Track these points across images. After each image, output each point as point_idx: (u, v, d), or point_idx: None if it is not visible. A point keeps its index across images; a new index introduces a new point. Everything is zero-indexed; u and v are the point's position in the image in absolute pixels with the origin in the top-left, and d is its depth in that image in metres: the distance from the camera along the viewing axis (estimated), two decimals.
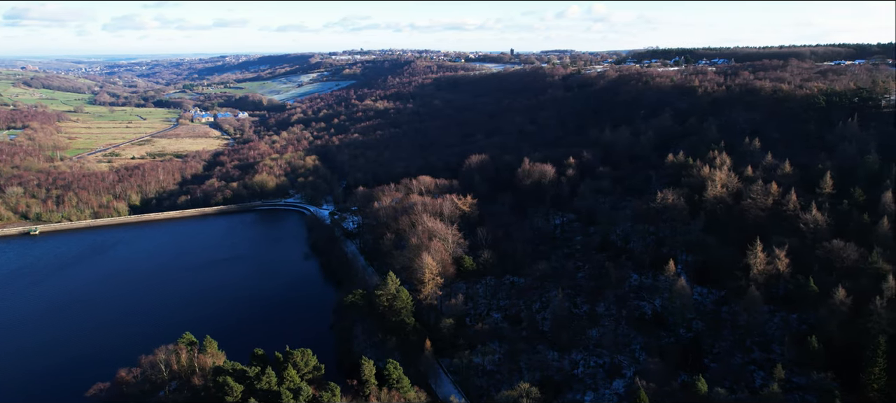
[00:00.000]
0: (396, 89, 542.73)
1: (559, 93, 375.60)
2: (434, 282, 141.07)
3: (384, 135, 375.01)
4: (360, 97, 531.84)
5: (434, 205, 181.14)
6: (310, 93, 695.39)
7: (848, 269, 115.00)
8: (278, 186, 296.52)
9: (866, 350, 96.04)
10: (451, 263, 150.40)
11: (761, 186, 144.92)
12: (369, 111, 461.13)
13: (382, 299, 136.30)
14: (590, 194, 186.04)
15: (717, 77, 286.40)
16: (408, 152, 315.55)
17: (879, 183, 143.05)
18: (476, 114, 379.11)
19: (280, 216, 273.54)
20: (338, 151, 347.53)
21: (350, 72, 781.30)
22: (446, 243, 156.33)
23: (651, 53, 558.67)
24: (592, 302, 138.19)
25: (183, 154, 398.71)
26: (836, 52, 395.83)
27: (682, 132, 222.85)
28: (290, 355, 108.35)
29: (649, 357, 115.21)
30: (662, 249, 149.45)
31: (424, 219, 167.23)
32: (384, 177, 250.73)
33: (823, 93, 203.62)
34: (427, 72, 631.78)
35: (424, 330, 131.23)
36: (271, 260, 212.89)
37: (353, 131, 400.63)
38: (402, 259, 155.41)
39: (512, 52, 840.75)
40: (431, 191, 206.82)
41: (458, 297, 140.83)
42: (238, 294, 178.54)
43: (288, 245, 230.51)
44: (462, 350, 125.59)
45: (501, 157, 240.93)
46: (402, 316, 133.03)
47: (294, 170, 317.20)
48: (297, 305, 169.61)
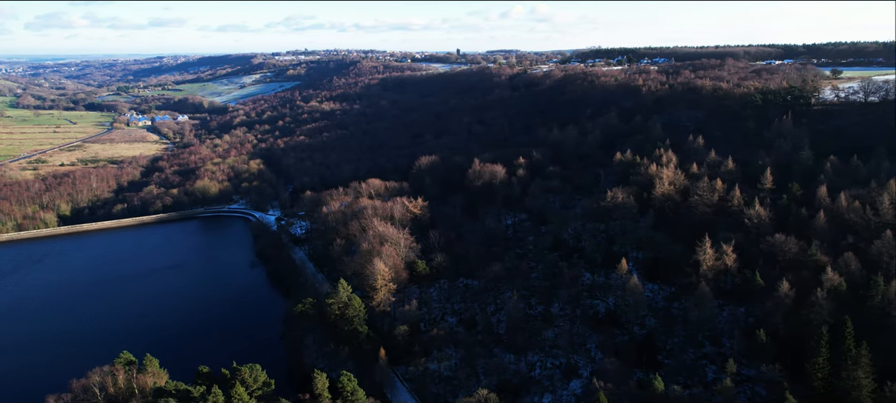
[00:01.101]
0: (342, 90, 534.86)
1: (506, 93, 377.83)
2: (387, 288, 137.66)
3: (331, 136, 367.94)
4: (306, 98, 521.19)
5: (384, 209, 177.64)
6: (253, 94, 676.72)
7: (790, 262, 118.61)
8: (222, 192, 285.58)
9: (810, 340, 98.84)
10: (404, 268, 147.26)
11: (707, 183, 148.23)
12: (315, 112, 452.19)
13: (334, 307, 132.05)
14: (540, 193, 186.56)
15: (660, 76, 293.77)
16: (356, 154, 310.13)
17: (814, 178, 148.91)
18: (424, 115, 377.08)
19: (224, 223, 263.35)
20: (283, 154, 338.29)
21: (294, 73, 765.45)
22: (398, 247, 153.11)
23: (594, 53, 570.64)
24: (547, 303, 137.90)
25: (118, 160, 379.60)
26: (766, 52, 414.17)
27: (628, 130, 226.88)
28: (238, 371, 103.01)
29: (605, 356, 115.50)
30: (613, 247, 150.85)
31: (375, 224, 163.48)
32: (332, 181, 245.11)
33: (760, 92, 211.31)
34: (373, 72, 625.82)
35: (378, 338, 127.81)
36: (216, 270, 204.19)
37: (298, 133, 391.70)
38: (353, 265, 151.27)
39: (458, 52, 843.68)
40: (381, 194, 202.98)
41: (411, 303, 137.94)
42: (180, 306, 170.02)
43: (233, 253, 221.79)
44: (418, 358, 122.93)
45: (451, 158, 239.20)
46: (355, 325, 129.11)
47: (238, 175, 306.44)
48: (245, 316, 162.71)
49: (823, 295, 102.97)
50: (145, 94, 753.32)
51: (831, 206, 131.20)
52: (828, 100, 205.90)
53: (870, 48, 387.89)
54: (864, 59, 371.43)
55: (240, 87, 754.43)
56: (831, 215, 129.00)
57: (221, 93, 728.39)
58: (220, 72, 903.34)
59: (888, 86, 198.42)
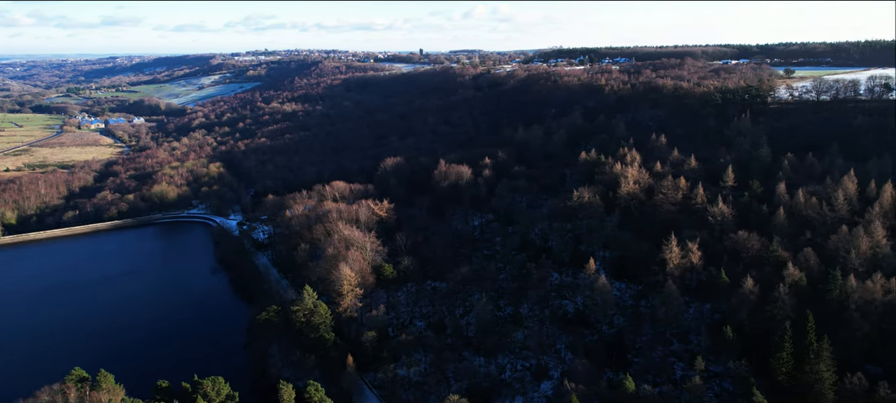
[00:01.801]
0: (304, 91, 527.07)
1: (470, 94, 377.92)
2: (353, 294, 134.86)
3: (293, 138, 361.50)
4: (267, 99, 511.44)
5: (350, 212, 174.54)
6: (212, 96, 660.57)
7: (753, 258, 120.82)
8: (180, 197, 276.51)
9: (774, 336, 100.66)
10: (371, 272, 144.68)
11: (671, 182, 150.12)
12: (277, 114, 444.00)
13: (299, 314, 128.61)
14: (507, 194, 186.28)
15: (622, 76, 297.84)
16: (319, 156, 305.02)
17: (773, 175, 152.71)
18: (388, 115, 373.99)
19: (183, 229, 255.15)
20: (244, 157, 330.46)
21: (254, 74, 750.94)
22: (364, 251, 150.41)
23: (557, 53, 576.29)
24: (516, 304, 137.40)
25: (69, 164, 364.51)
26: (723, 52, 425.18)
27: (592, 130, 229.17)
28: (200, 385, 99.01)
29: (575, 356, 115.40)
30: (580, 246, 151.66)
31: (340, 227, 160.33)
32: (295, 184, 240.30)
33: (719, 91, 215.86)
34: (336, 72, 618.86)
35: (345, 345, 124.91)
36: (175, 277, 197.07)
37: (260, 135, 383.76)
38: (318, 270, 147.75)
39: (421, 52, 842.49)
40: (346, 196, 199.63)
41: (379, 308, 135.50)
42: (137, 316, 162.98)
43: (193, 259, 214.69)
44: (386, 364, 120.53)
45: (417, 159, 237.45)
46: (321, 332, 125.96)
47: (197, 179, 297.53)
48: (206, 325, 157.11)
49: (785, 290, 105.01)
50: (98, 96, 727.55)
51: (790, 203, 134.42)
52: (783, 99, 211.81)
53: (819, 49, 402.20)
54: (814, 58, 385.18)
55: (198, 89, 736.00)
56: (790, 211, 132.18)
57: (179, 95, 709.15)
58: (177, 73, 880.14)
59: (838, 86, 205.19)
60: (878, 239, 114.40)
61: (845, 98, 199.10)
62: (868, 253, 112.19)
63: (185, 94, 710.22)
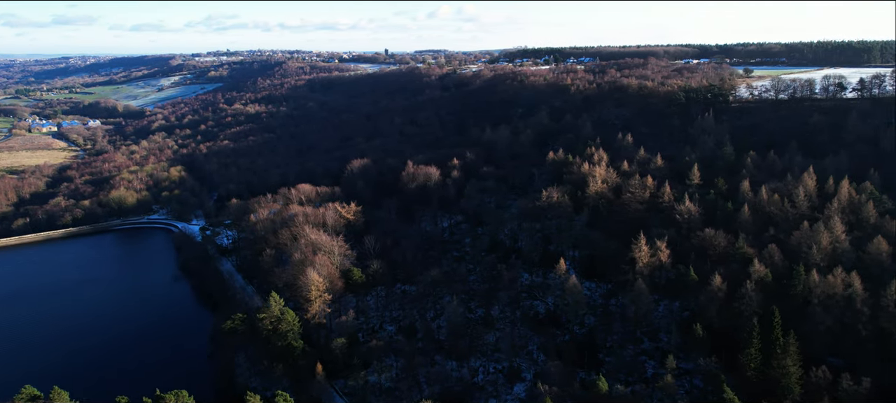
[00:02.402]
0: (268, 92, 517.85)
1: (437, 94, 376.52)
2: (321, 299, 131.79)
3: (257, 140, 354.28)
4: (229, 101, 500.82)
5: (316, 216, 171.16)
6: (172, 97, 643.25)
7: (719, 256, 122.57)
8: (140, 202, 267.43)
9: (742, 332, 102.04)
10: (339, 277, 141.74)
11: (638, 181, 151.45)
12: (239, 115, 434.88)
13: (266, 322, 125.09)
14: (476, 194, 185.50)
15: (588, 75, 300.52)
16: (284, 159, 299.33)
17: (737, 172, 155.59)
18: (354, 116, 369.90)
19: (143, 235, 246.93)
20: (206, 160, 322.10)
21: (216, 75, 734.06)
22: (332, 256, 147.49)
23: (522, 52, 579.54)
24: (487, 306, 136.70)
25: (19, 169, 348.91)
26: (684, 52, 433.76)
27: (558, 129, 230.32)
28: (162, 399, 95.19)
29: (547, 357, 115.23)
30: (550, 246, 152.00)
31: (307, 231, 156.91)
32: (260, 187, 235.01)
33: (683, 90, 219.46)
34: (300, 73, 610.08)
35: (314, 353, 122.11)
36: (135, 285, 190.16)
37: (222, 138, 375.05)
38: (284, 276, 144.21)
39: (386, 52, 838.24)
40: (312, 199, 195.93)
41: (348, 313, 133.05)
42: (94, 327, 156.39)
43: (154, 267, 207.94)
44: (357, 370, 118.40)
45: (384, 161, 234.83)
46: (289, 340, 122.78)
47: (157, 184, 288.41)
48: (168, 335, 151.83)
49: (752, 287, 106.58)
50: (50, 98, 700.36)
51: (754, 200, 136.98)
52: (744, 98, 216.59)
53: (774, 49, 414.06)
54: (770, 58, 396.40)
55: (158, 90, 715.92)
56: (754, 208, 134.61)
57: (137, 97, 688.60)
58: (135, 74, 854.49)
59: (795, 85, 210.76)
60: (838, 235, 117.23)
61: (802, 97, 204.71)
62: (828, 249, 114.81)
63: (143, 96, 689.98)
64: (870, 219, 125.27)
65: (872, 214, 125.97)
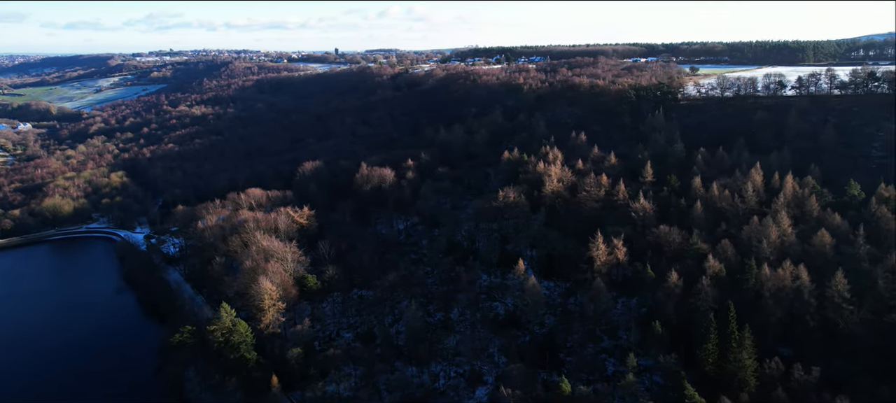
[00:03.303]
0: (214, 93, 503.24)
1: (389, 94, 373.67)
2: (275, 308, 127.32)
3: (204, 143, 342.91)
4: (173, 102, 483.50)
5: (268, 221, 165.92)
6: (112, 99, 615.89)
7: (675, 252, 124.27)
8: (78, 210, 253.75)
9: (699, 327, 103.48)
10: (293, 284, 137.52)
11: (593, 179, 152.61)
12: (185, 118, 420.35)
13: (217, 334, 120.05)
14: (432, 195, 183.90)
15: (540, 74, 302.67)
16: (232, 162, 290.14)
17: (688, 169, 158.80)
18: (305, 117, 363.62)
19: (82, 245, 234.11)
20: (150, 165, 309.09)
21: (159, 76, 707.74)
22: (285, 262, 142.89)
23: (473, 52, 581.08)
24: (446, 309, 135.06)
25: None
26: (632, 50, 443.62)
27: (513, 128, 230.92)
28: None
29: (508, 359, 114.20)
30: (508, 246, 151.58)
31: (258, 238, 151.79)
32: (208, 192, 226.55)
33: (633, 89, 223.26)
34: (247, 73, 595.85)
35: (269, 364, 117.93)
36: (73, 299, 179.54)
37: (167, 141, 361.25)
38: (236, 285, 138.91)
39: (337, 51, 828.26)
40: (263, 204, 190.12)
41: (303, 321, 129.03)
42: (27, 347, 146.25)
43: (95, 278, 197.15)
44: (314, 380, 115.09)
45: (337, 162, 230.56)
46: (242, 352, 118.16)
47: (97, 190, 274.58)
48: (111, 351, 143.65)
49: (707, 282, 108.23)
50: None
51: (705, 196, 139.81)
52: (691, 96, 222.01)
53: (717, 47, 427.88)
54: (713, 57, 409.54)
55: (96, 91, 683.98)
56: (706, 204, 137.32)
57: (73, 98, 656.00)
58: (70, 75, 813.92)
59: (739, 83, 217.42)
60: (785, 229, 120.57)
61: (746, 95, 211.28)
62: (777, 242, 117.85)
63: (80, 98, 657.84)
64: (813, 213, 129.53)
65: (815, 208, 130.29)
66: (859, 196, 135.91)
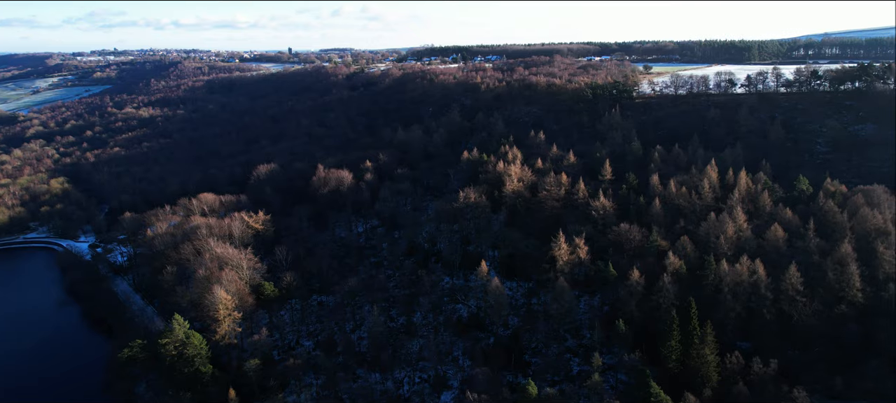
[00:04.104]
0: (163, 94, 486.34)
1: (345, 93, 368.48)
2: (231, 318, 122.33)
3: (152, 147, 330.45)
4: (119, 104, 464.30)
5: (221, 227, 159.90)
6: (50, 100, 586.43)
7: (635, 249, 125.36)
8: (14, 219, 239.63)
9: (662, 324, 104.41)
10: (249, 292, 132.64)
11: (553, 178, 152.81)
12: (131, 120, 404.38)
13: (169, 347, 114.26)
14: (391, 197, 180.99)
15: (497, 73, 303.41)
16: (183, 166, 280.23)
17: (645, 166, 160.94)
18: (258, 118, 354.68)
19: (18, 256, 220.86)
20: (95, 170, 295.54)
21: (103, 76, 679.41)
22: (240, 270, 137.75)
23: (429, 51, 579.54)
24: (408, 313, 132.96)
25: None
26: (586, 49, 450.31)
27: (471, 128, 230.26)
28: None
29: (473, 362, 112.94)
30: (469, 247, 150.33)
31: (211, 245, 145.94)
32: (157, 198, 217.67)
33: (590, 87, 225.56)
34: (198, 73, 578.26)
35: (226, 377, 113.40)
36: (9, 314, 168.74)
37: (112, 145, 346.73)
38: (189, 295, 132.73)
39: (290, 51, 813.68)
40: (216, 209, 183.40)
41: (261, 331, 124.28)
42: None
43: (33, 291, 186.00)
44: (274, 392, 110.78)
45: (292, 165, 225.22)
46: (197, 365, 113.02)
47: (35, 198, 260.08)
48: (54, 369, 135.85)
49: (668, 279, 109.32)
50: None
51: (663, 193, 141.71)
52: (646, 94, 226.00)
53: (668, 46, 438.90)
54: (665, 55, 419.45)
55: (32, 92, 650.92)
56: (664, 201, 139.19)
57: (8, 100, 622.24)
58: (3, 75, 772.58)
59: (692, 81, 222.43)
60: (741, 224, 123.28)
61: (699, 92, 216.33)
62: (733, 238, 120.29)
63: (15, 99, 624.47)
64: (766, 208, 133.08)
65: (768, 203, 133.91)
66: (808, 190, 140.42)
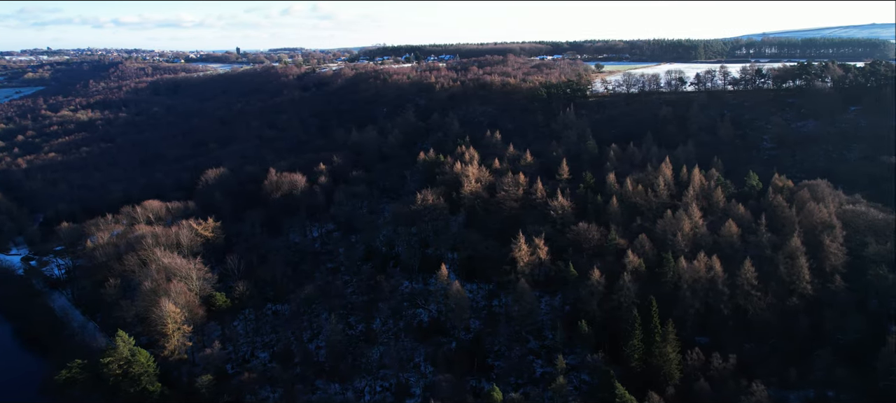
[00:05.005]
0: (103, 96, 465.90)
1: (296, 94, 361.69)
2: (180, 332, 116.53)
3: (92, 151, 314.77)
4: (54, 107, 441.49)
5: (169, 236, 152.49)
6: None
7: (595, 249, 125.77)
8: None
9: (623, 323, 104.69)
10: (200, 304, 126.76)
11: (511, 178, 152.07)
12: (68, 123, 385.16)
13: (113, 366, 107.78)
14: (346, 200, 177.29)
15: (451, 73, 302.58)
16: (126, 171, 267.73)
17: (601, 165, 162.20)
18: (206, 121, 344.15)
19: None
20: (27, 177, 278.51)
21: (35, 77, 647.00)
22: (190, 281, 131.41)
23: (382, 50, 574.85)
24: (367, 320, 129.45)
25: None
26: (538, 48, 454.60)
27: (427, 128, 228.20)
28: None
29: (436, 368, 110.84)
30: (428, 250, 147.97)
31: (158, 255, 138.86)
32: (98, 206, 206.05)
33: (544, 86, 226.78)
34: (141, 74, 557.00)
35: (176, 395, 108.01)
36: None
37: (47, 150, 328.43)
38: (134, 309, 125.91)
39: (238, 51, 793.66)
40: (163, 217, 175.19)
41: (213, 344, 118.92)
42: None
43: None
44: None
45: (243, 169, 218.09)
46: (144, 384, 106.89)
47: None
48: None
49: (629, 278, 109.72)
50: None
51: (620, 192, 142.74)
52: (600, 93, 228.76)
53: (618, 45, 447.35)
54: (615, 54, 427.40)
55: None
56: (621, 199, 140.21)
57: None
58: None
59: (643, 80, 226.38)
60: (697, 221, 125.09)
61: (650, 90, 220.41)
62: (690, 235, 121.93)
63: None
64: (719, 204, 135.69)
65: (721, 199, 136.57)
66: (758, 186, 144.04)
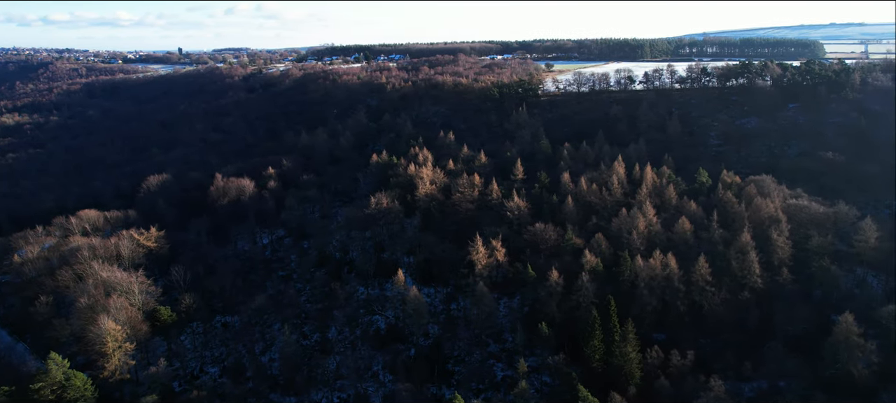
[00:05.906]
0: (32, 98, 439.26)
1: (242, 96, 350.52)
2: (122, 351, 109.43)
3: (20, 158, 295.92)
4: None
5: (107, 247, 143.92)
6: None
7: (552, 249, 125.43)
8: None
9: (583, 323, 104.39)
10: (143, 319, 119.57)
11: (466, 179, 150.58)
12: None
13: (45, 392, 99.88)
14: (297, 205, 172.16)
15: (402, 73, 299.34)
16: (59, 179, 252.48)
17: (555, 164, 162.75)
18: (147, 125, 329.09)
19: None
20: None
21: None
22: (131, 295, 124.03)
23: (330, 50, 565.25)
24: (322, 329, 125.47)
25: None
26: (488, 48, 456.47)
27: (378, 129, 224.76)
28: None
29: (395, 376, 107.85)
30: (383, 255, 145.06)
31: (95, 269, 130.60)
32: (27, 217, 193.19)
33: (496, 86, 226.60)
34: (74, 75, 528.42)
35: None
36: None
37: None
38: (69, 328, 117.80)
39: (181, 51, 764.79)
40: (100, 228, 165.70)
41: (158, 362, 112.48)
42: None
43: None
44: None
45: (187, 174, 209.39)
46: None
47: None
48: None
49: (587, 277, 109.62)
50: None
51: (575, 191, 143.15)
52: (551, 92, 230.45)
53: (567, 45, 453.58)
54: (564, 54, 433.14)
55: None
56: (576, 198, 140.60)
57: None
58: None
59: (594, 79, 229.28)
60: (651, 219, 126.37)
61: (601, 89, 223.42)
62: (645, 232, 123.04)
63: None
64: (672, 201, 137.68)
65: (673, 196, 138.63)
66: (707, 182, 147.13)
